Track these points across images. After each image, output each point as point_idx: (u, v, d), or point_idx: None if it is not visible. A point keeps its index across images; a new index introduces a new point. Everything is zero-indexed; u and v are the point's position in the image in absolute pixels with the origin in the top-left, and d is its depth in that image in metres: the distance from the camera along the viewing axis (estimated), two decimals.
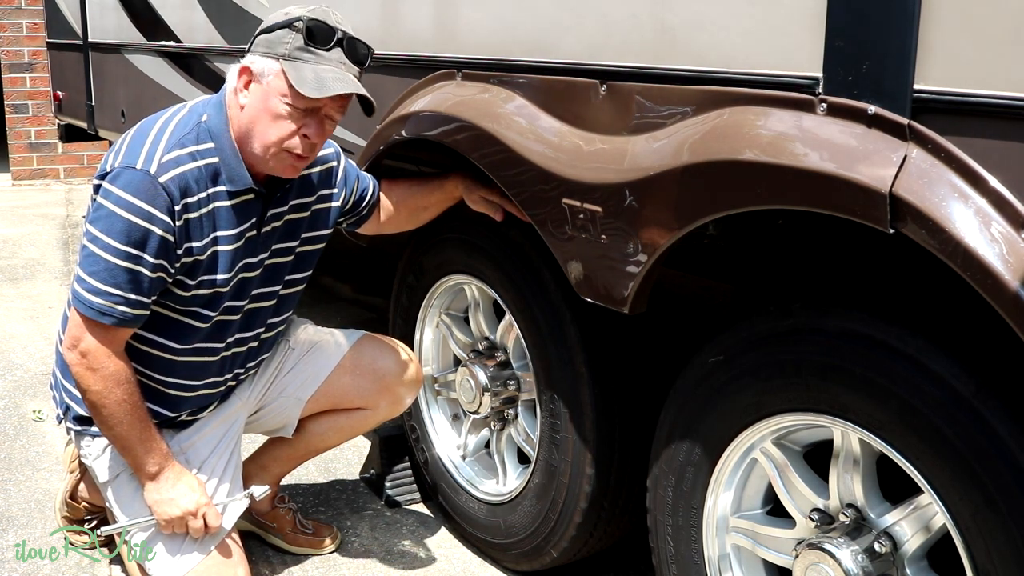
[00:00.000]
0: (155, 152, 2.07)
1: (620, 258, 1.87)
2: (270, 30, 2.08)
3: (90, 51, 5.02)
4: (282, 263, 2.31)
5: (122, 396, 2.13)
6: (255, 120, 2.09)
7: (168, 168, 2.06)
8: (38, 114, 7.86)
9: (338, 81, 2.05)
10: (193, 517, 2.20)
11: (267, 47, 2.07)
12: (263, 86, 2.07)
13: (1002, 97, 1.28)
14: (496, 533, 2.56)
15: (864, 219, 1.42)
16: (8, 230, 6.34)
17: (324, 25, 2.06)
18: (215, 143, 2.12)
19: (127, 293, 2.06)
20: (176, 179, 2.06)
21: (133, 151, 2.09)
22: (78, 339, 2.10)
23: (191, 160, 2.09)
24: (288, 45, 2.05)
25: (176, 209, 2.06)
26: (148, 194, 2.04)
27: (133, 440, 2.17)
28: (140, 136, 2.12)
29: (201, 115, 2.15)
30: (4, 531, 2.71)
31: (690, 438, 1.92)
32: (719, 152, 1.62)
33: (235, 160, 2.13)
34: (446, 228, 2.59)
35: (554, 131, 2.01)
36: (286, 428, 2.56)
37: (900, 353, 1.54)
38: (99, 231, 2.05)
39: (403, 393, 2.57)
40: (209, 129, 2.13)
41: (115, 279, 2.04)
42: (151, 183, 2.04)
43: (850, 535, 1.70)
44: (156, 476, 2.19)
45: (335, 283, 4.91)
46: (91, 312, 2.06)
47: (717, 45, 1.66)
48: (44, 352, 4.09)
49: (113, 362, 2.11)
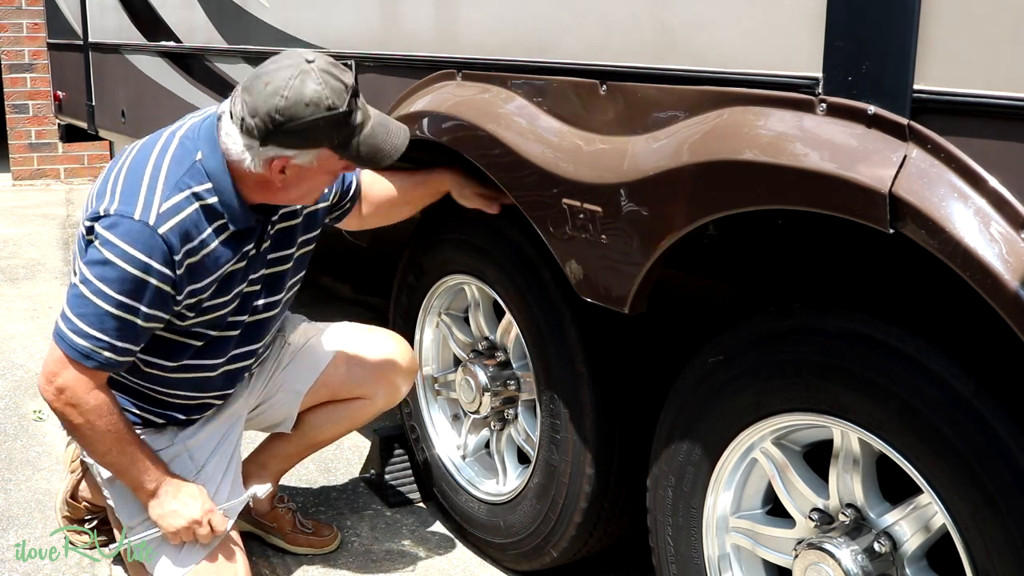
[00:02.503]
0: (152, 200, 2.00)
1: (620, 258, 1.87)
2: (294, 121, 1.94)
3: (90, 51, 5.02)
4: (283, 271, 2.30)
5: (106, 427, 2.09)
6: (300, 184, 2.07)
7: (168, 217, 2.00)
8: (38, 114, 7.86)
9: (387, 140, 2.05)
10: (199, 525, 2.19)
11: (302, 139, 1.97)
12: (309, 167, 2.03)
13: (1002, 97, 1.28)
14: (496, 533, 2.56)
15: (864, 219, 1.42)
16: (8, 230, 6.34)
17: (346, 97, 1.96)
18: (213, 183, 2.05)
19: (114, 340, 2.01)
20: (176, 228, 2.00)
21: (129, 196, 2.01)
22: (55, 375, 2.05)
23: (189, 204, 2.03)
24: (331, 135, 1.98)
25: (176, 259, 2.00)
26: (147, 246, 1.98)
27: (125, 465, 2.16)
28: (134, 177, 2.04)
29: (195, 153, 2.06)
30: (4, 531, 2.71)
31: (690, 438, 1.92)
32: (719, 152, 1.62)
33: (236, 201, 2.07)
34: (446, 228, 2.59)
35: (554, 131, 2.01)
36: (285, 422, 2.57)
37: (900, 353, 1.54)
38: (93, 276, 1.99)
39: (400, 382, 2.58)
40: (206, 170, 2.05)
41: (103, 325, 2.00)
42: (150, 235, 1.98)
43: (850, 535, 1.70)
44: (155, 492, 2.19)
45: (335, 283, 4.91)
46: (73, 353, 2.02)
47: (717, 45, 1.66)
48: (44, 352, 4.07)
49: (94, 396, 2.07)
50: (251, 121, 1.96)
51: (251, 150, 2.00)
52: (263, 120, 1.95)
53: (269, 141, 1.97)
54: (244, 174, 2.05)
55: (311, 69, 1.95)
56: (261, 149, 1.99)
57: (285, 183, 2.06)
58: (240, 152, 2.01)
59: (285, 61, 1.98)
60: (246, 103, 1.98)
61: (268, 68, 1.99)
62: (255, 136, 1.98)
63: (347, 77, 1.99)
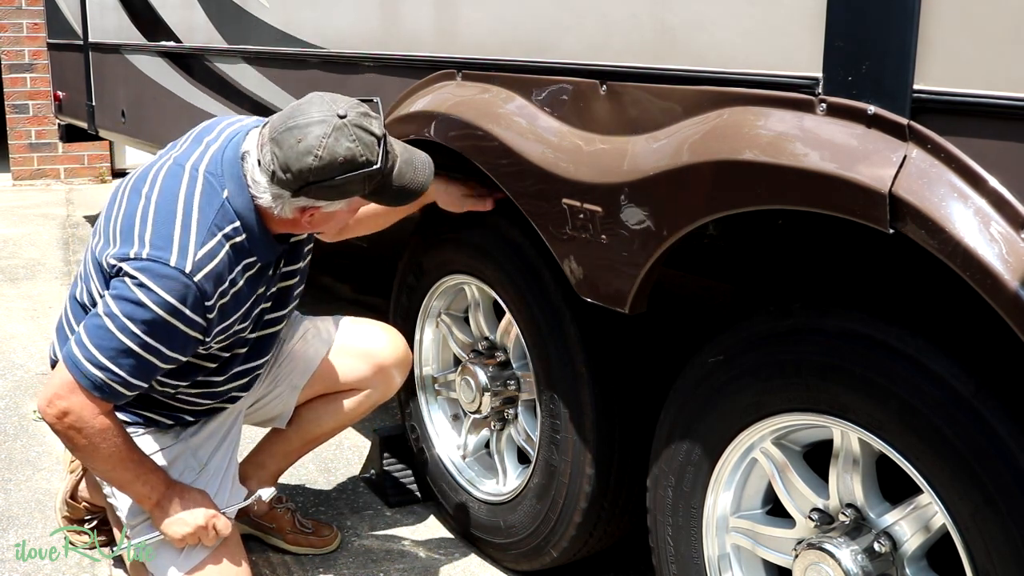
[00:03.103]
0: (188, 245, 1.97)
1: (620, 258, 1.87)
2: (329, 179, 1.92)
3: (90, 51, 5.02)
4: (291, 284, 2.31)
5: (110, 449, 2.08)
6: (320, 224, 2.10)
7: (203, 265, 1.98)
8: (38, 114, 7.86)
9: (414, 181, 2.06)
10: (204, 530, 2.20)
11: (338, 192, 1.97)
12: (341, 210, 2.06)
13: (1002, 97, 1.28)
14: (496, 533, 2.56)
15: (864, 219, 1.42)
16: (8, 230, 6.34)
17: (378, 151, 1.95)
18: (241, 222, 2.04)
19: (129, 377, 2.00)
20: (211, 275, 1.98)
21: (161, 239, 1.98)
22: (60, 398, 2.02)
23: (221, 248, 2.01)
24: (365, 187, 1.98)
25: (209, 304, 1.99)
26: (182, 294, 1.96)
27: (127, 480, 2.16)
28: (164, 218, 2.01)
29: (222, 190, 2.04)
30: (4, 531, 2.71)
31: (690, 438, 1.92)
32: (719, 152, 1.62)
33: (265, 238, 2.07)
34: (446, 228, 2.59)
35: (554, 131, 2.01)
36: (282, 417, 2.58)
37: (900, 353, 1.54)
38: (120, 312, 1.96)
39: (394, 372, 2.59)
40: (235, 208, 2.03)
41: (121, 361, 1.98)
42: (186, 284, 1.96)
43: (850, 535, 1.70)
44: (159, 503, 2.19)
45: (335, 283, 4.91)
46: (85, 382, 1.99)
47: (717, 45, 1.67)
48: (44, 352, 4.09)
49: (99, 421, 2.04)
50: (283, 175, 1.94)
51: (281, 199, 1.99)
52: (296, 177, 1.93)
53: (301, 194, 1.97)
54: (270, 215, 2.05)
55: (344, 125, 1.91)
56: (292, 199, 1.99)
57: (312, 223, 2.09)
58: (269, 200, 2.00)
59: (315, 114, 1.93)
60: (276, 156, 1.94)
61: (299, 121, 1.93)
62: (287, 188, 1.96)
63: (377, 127, 1.96)
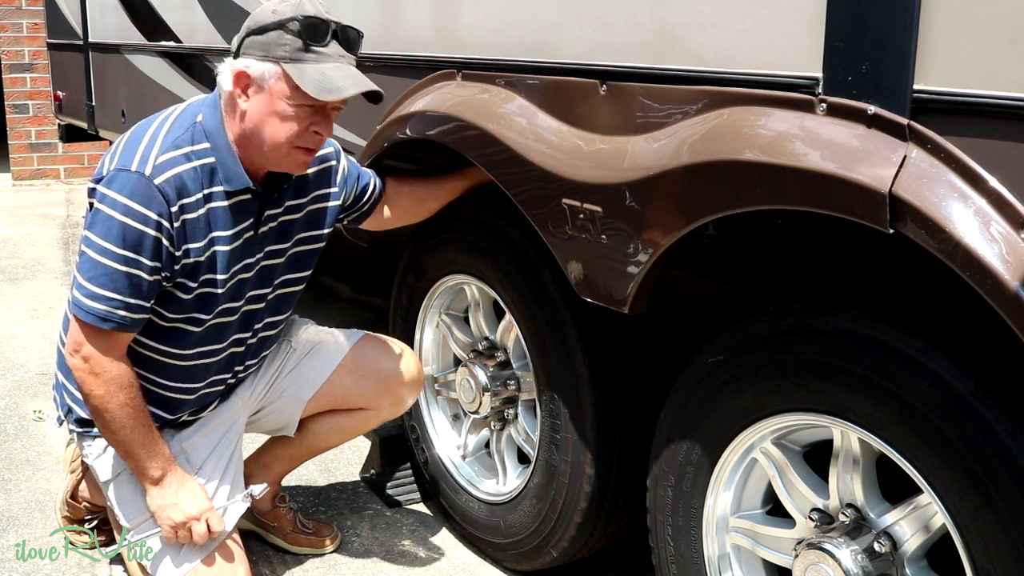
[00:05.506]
0: (150, 154, 2.07)
1: (620, 258, 1.87)
2: (261, 31, 2.04)
3: (90, 51, 5.02)
4: (274, 265, 2.31)
5: (125, 400, 2.13)
6: (262, 123, 2.08)
7: (163, 169, 2.05)
8: (38, 114, 7.87)
9: (346, 79, 2.05)
10: (196, 522, 2.20)
11: (263, 50, 2.05)
12: (265, 90, 2.06)
13: (1002, 97, 1.28)
14: (496, 533, 2.56)
15: (864, 219, 1.42)
16: (8, 230, 6.34)
17: (318, 20, 2.03)
18: (211, 143, 2.12)
19: (126, 297, 2.06)
20: (172, 180, 2.06)
21: (128, 154, 2.08)
22: (80, 344, 2.10)
23: (186, 161, 2.09)
24: (287, 47, 2.03)
25: (172, 211, 2.05)
26: (143, 196, 2.03)
27: (136, 444, 2.17)
28: (135, 139, 2.11)
29: (196, 115, 2.14)
30: (4, 531, 2.71)
31: (690, 438, 1.92)
32: (719, 152, 1.62)
33: (232, 160, 2.12)
34: (446, 228, 2.59)
35: (554, 131, 2.01)
36: (287, 428, 2.56)
37: (900, 353, 1.54)
38: (96, 235, 2.05)
39: (405, 394, 2.57)
40: (204, 130, 2.12)
41: (114, 283, 2.05)
42: (146, 185, 2.03)
43: (850, 535, 1.70)
44: (159, 481, 2.20)
45: (335, 283, 4.92)
46: (91, 318, 2.06)
47: (717, 45, 1.67)
48: (44, 352, 4.09)
49: (116, 366, 2.12)
50: (238, 38, 2.08)
51: (227, 67, 2.09)
52: (246, 30, 2.07)
53: (240, 52, 2.07)
54: (235, 125, 2.11)
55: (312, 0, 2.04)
56: (233, 62, 2.08)
57: (249, 117, 2.08)
58: (227, 81, 2.09)
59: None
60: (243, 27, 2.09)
61: None
62: (235, 51, 2.08)
63: (332, 18, 2.05)
